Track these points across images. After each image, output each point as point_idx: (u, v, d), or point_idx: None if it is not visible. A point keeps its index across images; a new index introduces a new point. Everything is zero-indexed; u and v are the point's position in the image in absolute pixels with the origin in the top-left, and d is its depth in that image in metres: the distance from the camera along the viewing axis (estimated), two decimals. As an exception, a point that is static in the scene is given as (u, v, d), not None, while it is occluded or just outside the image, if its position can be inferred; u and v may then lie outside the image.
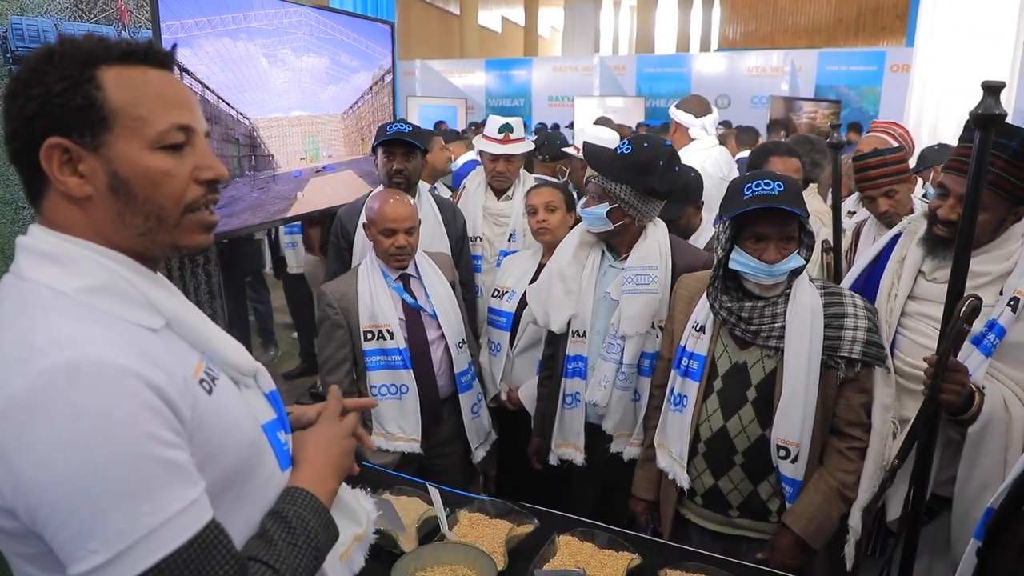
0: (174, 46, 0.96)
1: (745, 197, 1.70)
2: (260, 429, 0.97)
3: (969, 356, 1.68)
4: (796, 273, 1.77)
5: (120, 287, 0.87)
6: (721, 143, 6.24)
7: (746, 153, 4.73)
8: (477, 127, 8.64)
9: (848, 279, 2.06)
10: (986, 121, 1.44)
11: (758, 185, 1.69)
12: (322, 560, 0.99)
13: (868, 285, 1.96)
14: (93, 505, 0.74)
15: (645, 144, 2.11)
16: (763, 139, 6.27)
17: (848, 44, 18.43)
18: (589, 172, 2.18)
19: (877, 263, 1.98)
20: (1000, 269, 1.74)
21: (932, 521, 1.81)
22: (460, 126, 11.18)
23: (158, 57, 0.90)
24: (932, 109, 5.46)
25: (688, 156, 3.40)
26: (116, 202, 0.87)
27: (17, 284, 0.86)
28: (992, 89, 1.43)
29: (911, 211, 2.38)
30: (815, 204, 3.06)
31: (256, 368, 1.02)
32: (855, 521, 1.82)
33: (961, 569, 1.34)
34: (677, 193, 2.43)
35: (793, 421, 1.74)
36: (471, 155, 5.00)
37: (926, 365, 1.60)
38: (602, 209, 2.12)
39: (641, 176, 2.10)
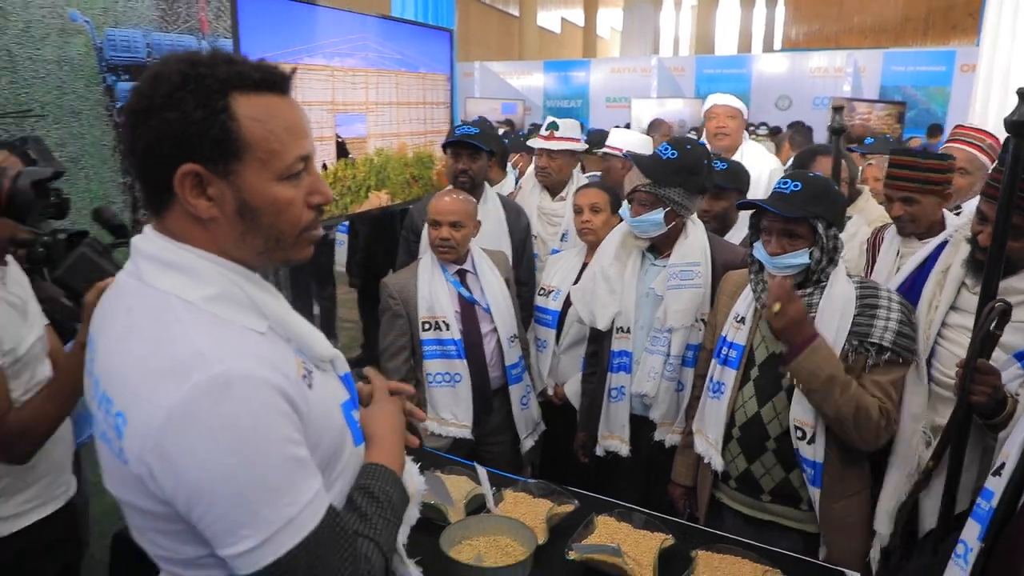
0: (293, 71, 0.99)
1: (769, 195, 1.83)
2: (341, 410, 1.06)
3: (1008, 368, 1.69)
4: (811, 270, 1.85)
5: (236, 295, 0.94)
6: (778, 145, 6.24)
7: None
8: (537, 128, 8.79)
9: (892, 285, 2.10)
10: (1020, 128, 1.49)
11: (782, 184, 1.84)
12: (400, 525, 1.10)
13: (911, 293, 1.99)
14: (245, 500, 0.85)
15: (688, 146, 2.23)
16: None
17: (917, 44, 17.89)
18: (637, 182, 2.25)
19: (921, 271, 2.01)
20: None
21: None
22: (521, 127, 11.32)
23: (282, 84, 0.95)
24: (996, 110, 5.35)
25: None
26: (240, 225, 0.93)
27: (145, 292, 0.92)
28: None
29: (935, 224, 2.31)
30: (872, 211, 3.03)
31: (334, 355, 1.09)
32: (881, 525, 1.88)
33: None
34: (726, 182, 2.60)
35: (807, 403, 1.83)
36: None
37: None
38: (658, 215, 2.22)
39: (691, 177, 2.21)
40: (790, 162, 4.69)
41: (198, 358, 0.85)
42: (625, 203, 2.32)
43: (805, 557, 1.77)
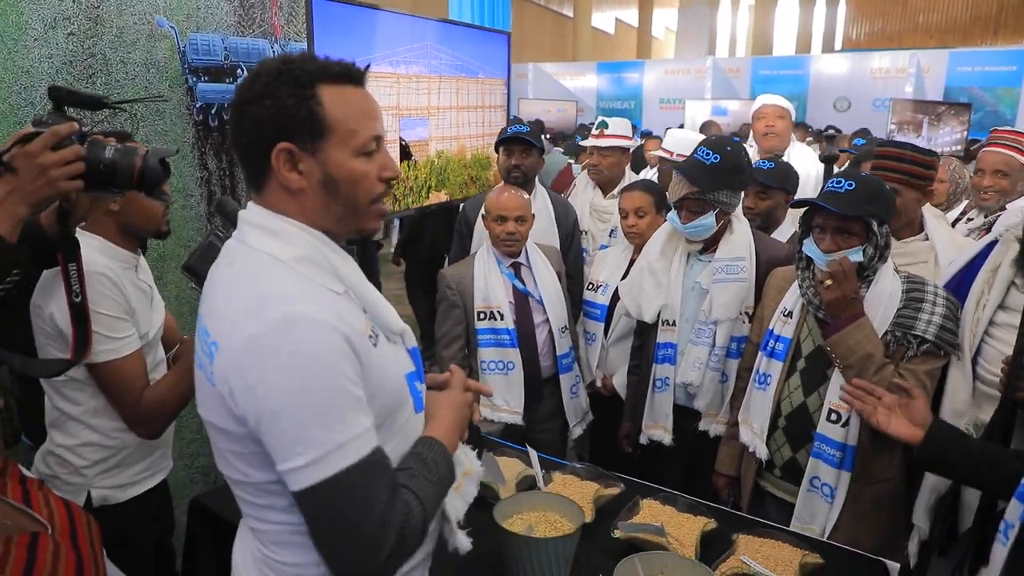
0: (367, 67, 1.15)
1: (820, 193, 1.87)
2: (404, 378, 1.18)
3: None
4: (863, 266, 1.88)
5: (319, 259, 1.09)
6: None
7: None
8: (585, 128, 8.90)
9: (940, 282, 2.12)
10: None
11: (836, 183, 1.88)
12: (445, 495, 1.22)
13: (959, 291, 2.00)
14: (302, 421, 0.98)
15: (728, 148, 2.29)
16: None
17: (986, 43, 17.29)
18: (685, 191, 2.28)
19: (969, 269, 2.02)
20: None
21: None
22: (572, 127, 11.39)
23: (358, 77, 1.12)
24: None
25: None
26: (324, 195, 1.09)
27: (245, 250, 1.10)
28: None
29: (914, 221, 2.33)
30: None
31: (404, 328, 1.22)
32: (920, 519, 1.91)
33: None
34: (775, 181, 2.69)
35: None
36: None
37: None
38: (710, 218, 2.29)
39: (736, 176, 2.28)
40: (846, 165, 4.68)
41: (277, 298, 1.01)
42: (673, 211, 2.38)
43: (844, 545, 1.82)
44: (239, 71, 2.88)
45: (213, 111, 2.76)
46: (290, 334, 0.98)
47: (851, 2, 20.53)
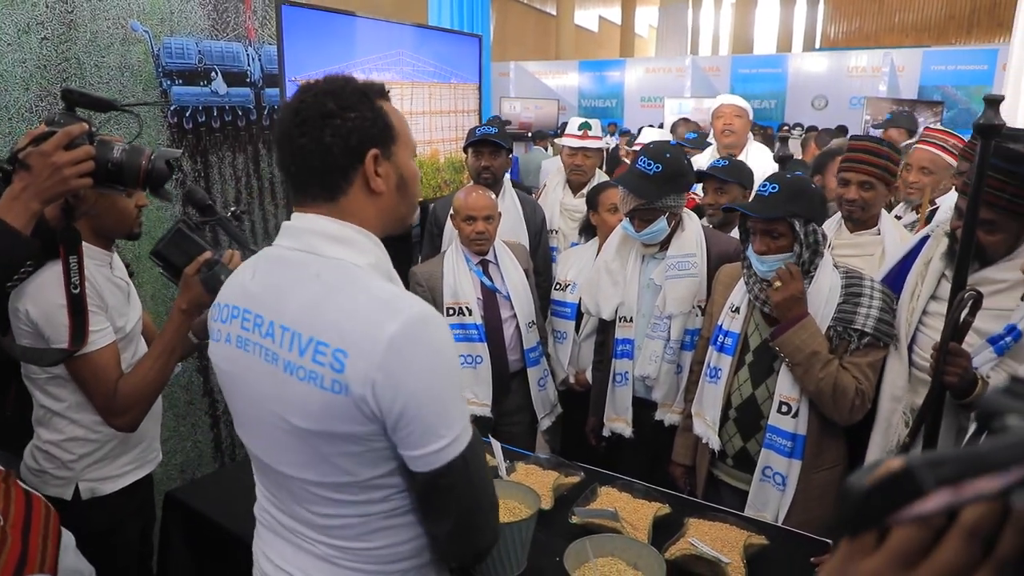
0: (383, 84, 1.26)
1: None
2: None
3: (981, 352, 1.81)
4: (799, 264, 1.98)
5: (382, 263, 1.19)
6: (803, 146, 6.30)
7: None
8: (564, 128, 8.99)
9: (878, 275, 2.23)
10: (987, 131, 1.63)
11: (762, 186, 1.99)
12: None
13: (896, 283, 2.10)
14: (444, 403, 1.09)
15: (667, 155, 2.38)
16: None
17: (960, 42, 17.54)
18: (633, 203, 2.37)
19: (905, 262, 2.12)
20: (1018, 277, 1.82)
21: None
22: (554, 126, 11.46)
23: (388, 94, 1.23)
24: (1024, 108, 5.34)
25: None
26: (397, 195, 1.21)
27: (325, 261, 1.15)
28: (992, 102, 1.62)
29: (875, 216, 2.41)
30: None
31: None
32: None
33: None
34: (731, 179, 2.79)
35: (793, 379, 1.98)
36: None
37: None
38: (661, 224, 2.39)
39: (679, 180, 2.39)
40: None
41: (400, 300, 1.09)
42: (625, 219, 2.46)
43: (791, 528, 1.91)
44: (213, 74, 2.92)
45: (188, 114, 2.81)
46: (426, 330, 1.08)
47: (829, 1, 20.73)
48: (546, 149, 8.96)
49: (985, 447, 0.39)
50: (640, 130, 4.40)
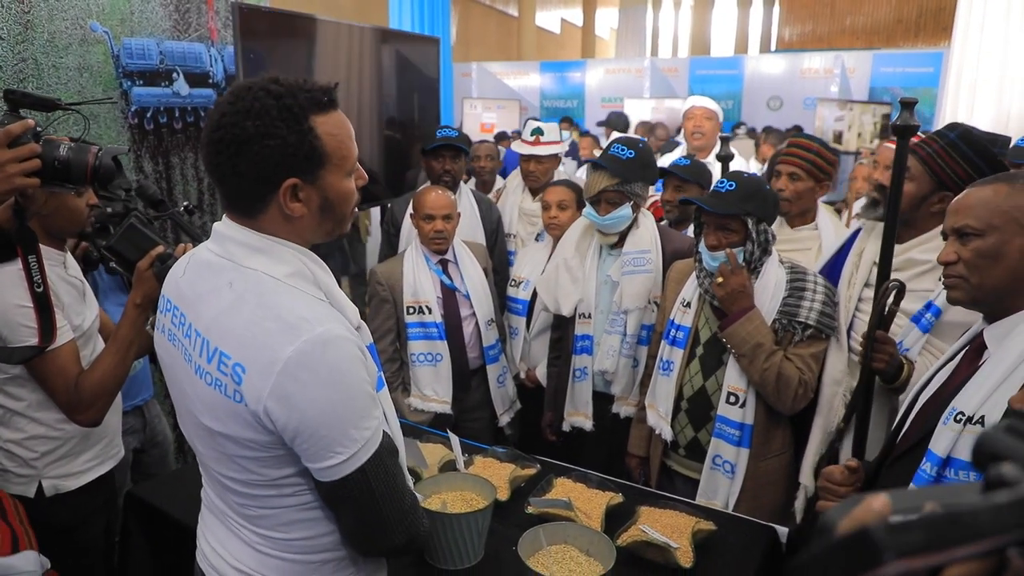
0: (335, 86, 1.18)
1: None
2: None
3: (909, 333, 1.95)
4: (747, 261, 2.08)
5: (305, 272, 1.17)
6: (756, 146, 6.48)
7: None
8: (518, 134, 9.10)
9: (816, 267, 2.34)
10: (903, 131, 1.77)
11: (719, 183, 2.08)
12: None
13: (832, 274, 2.23)
14: (341, 424, 1.10)
15: (640, 144, 2.49)
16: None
17: (907, 45, 18.00)
18: (604, 183, 2.44)
19: (840, 254, 2.25)
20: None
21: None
22: (516, 126, 11.53)
23: (337, 102, 1.16)
24: (965, 110, 5.60)
25: None
26: (320, 216, 1.17)
27: (240, 270, 1.14)
28: (908, 104, 1.77)
29: (808, 212, 2.55)
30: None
31: (361, 323, 1.27)
32: (806, 478, 2.13)
33: None
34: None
35: (740, 369, 2.08)
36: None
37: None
38: (626, 210, 2.46)
39: (648, 171, 2.49)
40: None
41: (303, 321, 1.09)
42: (588, 205, 2.53)
43: (739, 514, 2.01)
44: (175, 75, 2.93)
45: (148, 114, 2.81)
46: (325, 354, 1.08)
47: (784, 4, 21.13)
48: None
49: (967, 507, 0.37)
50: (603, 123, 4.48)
